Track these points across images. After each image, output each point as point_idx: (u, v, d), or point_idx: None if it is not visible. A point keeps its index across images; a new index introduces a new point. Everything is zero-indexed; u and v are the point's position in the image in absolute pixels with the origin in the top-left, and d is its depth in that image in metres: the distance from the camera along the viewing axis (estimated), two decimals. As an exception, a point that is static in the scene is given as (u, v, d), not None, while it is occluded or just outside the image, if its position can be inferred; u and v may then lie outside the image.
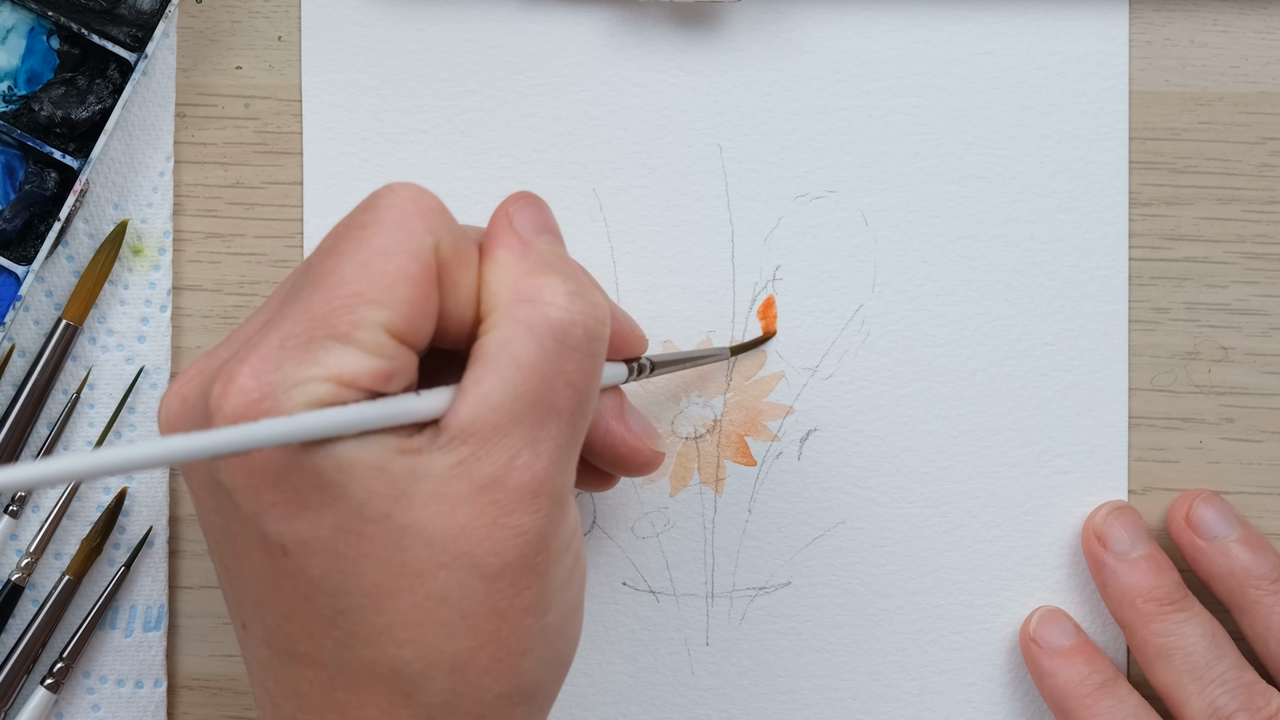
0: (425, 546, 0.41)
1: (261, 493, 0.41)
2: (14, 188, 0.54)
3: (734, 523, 0.55)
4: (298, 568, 0.42)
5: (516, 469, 0.42)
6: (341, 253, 0.42)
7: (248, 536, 0.42)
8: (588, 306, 0.43)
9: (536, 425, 0.42)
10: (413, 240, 0.42)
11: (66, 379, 0.55)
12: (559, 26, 0.55)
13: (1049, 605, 0.55)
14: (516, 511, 0.42)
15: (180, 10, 0.55)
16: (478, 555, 0.41)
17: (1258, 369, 0.55)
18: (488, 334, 0.43)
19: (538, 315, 0.43)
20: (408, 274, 0.42)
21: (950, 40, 0.55)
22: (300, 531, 0.41)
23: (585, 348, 0.43)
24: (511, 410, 0.42)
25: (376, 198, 0.43)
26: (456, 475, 0.41)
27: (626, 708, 0.55)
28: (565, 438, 0.43)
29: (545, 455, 0.42)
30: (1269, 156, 0.55)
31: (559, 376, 0.42)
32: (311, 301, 0.42)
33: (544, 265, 0.44)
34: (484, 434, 0.42)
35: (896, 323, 0.55)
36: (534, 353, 0.42)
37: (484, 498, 0.41)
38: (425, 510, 0.41)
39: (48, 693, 0.54)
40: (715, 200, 0.55)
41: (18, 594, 0.54)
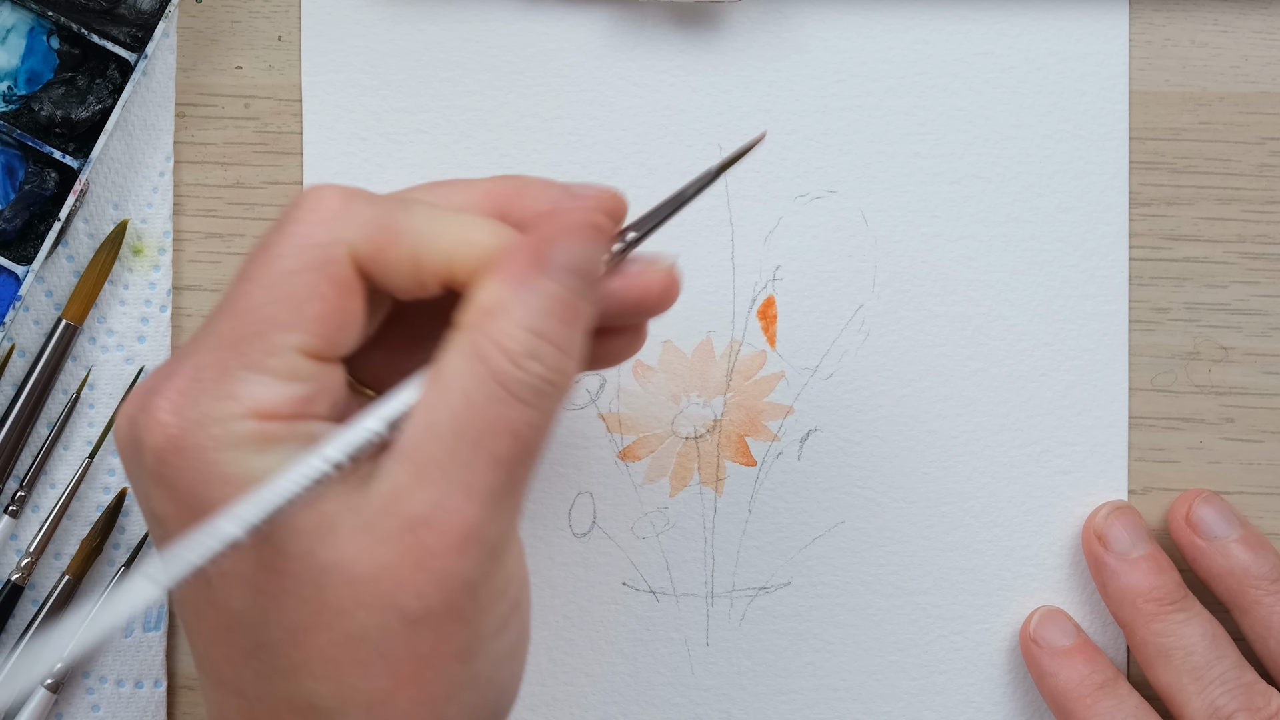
0: (346, 585, 0.40)
1: (186, 524, 0.41)
2: (14, 188, 0.54)
3: (734, 523, 0.55)
4: (220, 598, 0.41)
5: (446, 511, 0.40)
6: (249, 276, 0.42)
7: None
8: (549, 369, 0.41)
9: (472, 468, 0.41)
10: (320, 254, 0.41)
11: (66, 379, 0.55)
12: (559, 26, 0.55)
13: (1049, 605, 0.55)
14: (443, 555, 0.40)
15: (180, 10, 0.55)
16: (399, 598, 0.40)
17: (1258, 369, 0.55)
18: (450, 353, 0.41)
19: (495, 361, 0.41)
20: (316, 292, 0.41)
21: (950, 40, 0.55)
22: (221, 564, 0.41)
23: (536, 404, 0.41)
24: (452, 446, 0.41)
25: (285, 214, 0.42)
26: (386, 510, 0.40)
27: (626, 708, 0.55)
28: (502, 485, 0.41)
29: (477, 501, 0.41)
30: (1269, 156, 0.55)
31: (504, 424, 0.41)
32: (221, 329, 0.41)
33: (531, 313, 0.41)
34: (421, 464, 0.40)
35: (896, 323, 0.55)
36: (483, 394, 0.41)
37: (410, 537, 0.40)
38: (348, 548, 0.40)
39: (48, 693, 0.54)
40: (715, 200, 0.55)
41: (18, 594, 0.54)
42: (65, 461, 0.55)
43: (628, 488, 0.55)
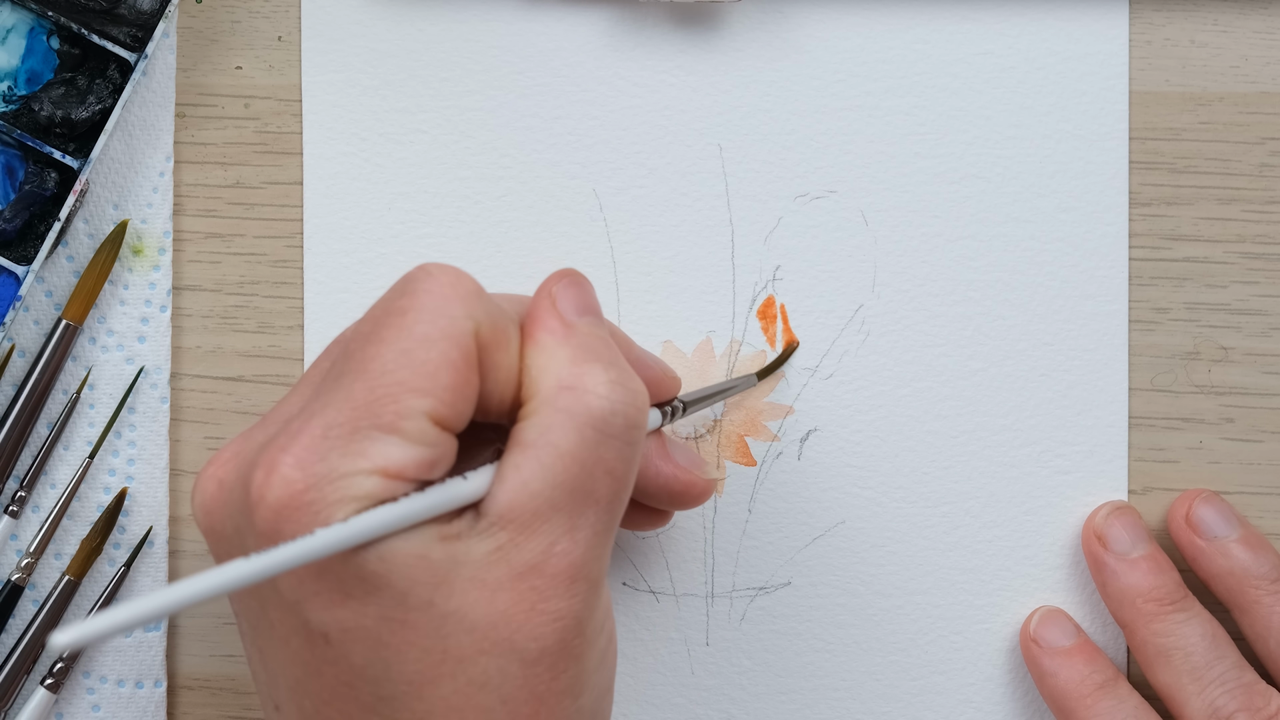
0: (467, 633, 0.42)
1: (304, 582, 0.42)
2: (14, 188, 0.54)
3: (734, 523, 0.55)
4: (340, 655, 0.42)
5: (555, 555, 0.42)
6: (383, 339, 0.42)
7: (288, 623, 0.42)
8: (628, 395, 0.43)
9: (575, 513, 0.42)
10: (454, 326, 0.42)
11: (66, 379, 0.55)
12: (559, 26, 0.55)
13: (1049, 605, 0.55)
14: (554, 597, 0.42)
15: (180, 10, 0.55)
16: (517, 640, 0.42)
17: (1258, 369, 0.55)
18: (528, 419, 0.43)
19: (579, 404, 0.43)
20: (449, 361, 0.42)
21: (950, 40, 0.55)
22: (343, 620, 0.42)
23: (625, 436, 0.43)
24: (551, 498, 0.42)
25: (413, 281, 0.43)
26: (495, 561, 0.42)
27: (626, 708, 0.55)
28: (603, 524, 0.43)
29: (583, 542, 0.42)
30: (1269, 156, 0.55)
31: (598, 465, 0.43)
32: (354, 390, 0.42)
33: (586, 352, 0.44)
34: (523, 520, 0.42)
35: (896, 323, 0.55)
36: (574, 441, 0.42)
37: (523, 584, 0.42)
38: (466, 596, 0.42)
39: (48, 693, 0.54)
40: (715, 200, 0.55)
41: (18, 594, 0.54)
42: (65, 461, 0.55)
43: (628, 488, 0.55)
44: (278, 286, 0.55)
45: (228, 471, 0.43)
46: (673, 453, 0.49)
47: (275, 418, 0.44)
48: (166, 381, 0.55)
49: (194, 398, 0.55)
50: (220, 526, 0.43)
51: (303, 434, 0.42)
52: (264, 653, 0.44)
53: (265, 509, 0.41)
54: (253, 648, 0.45)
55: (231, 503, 0.43)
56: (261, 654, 0.44)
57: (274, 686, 0.44)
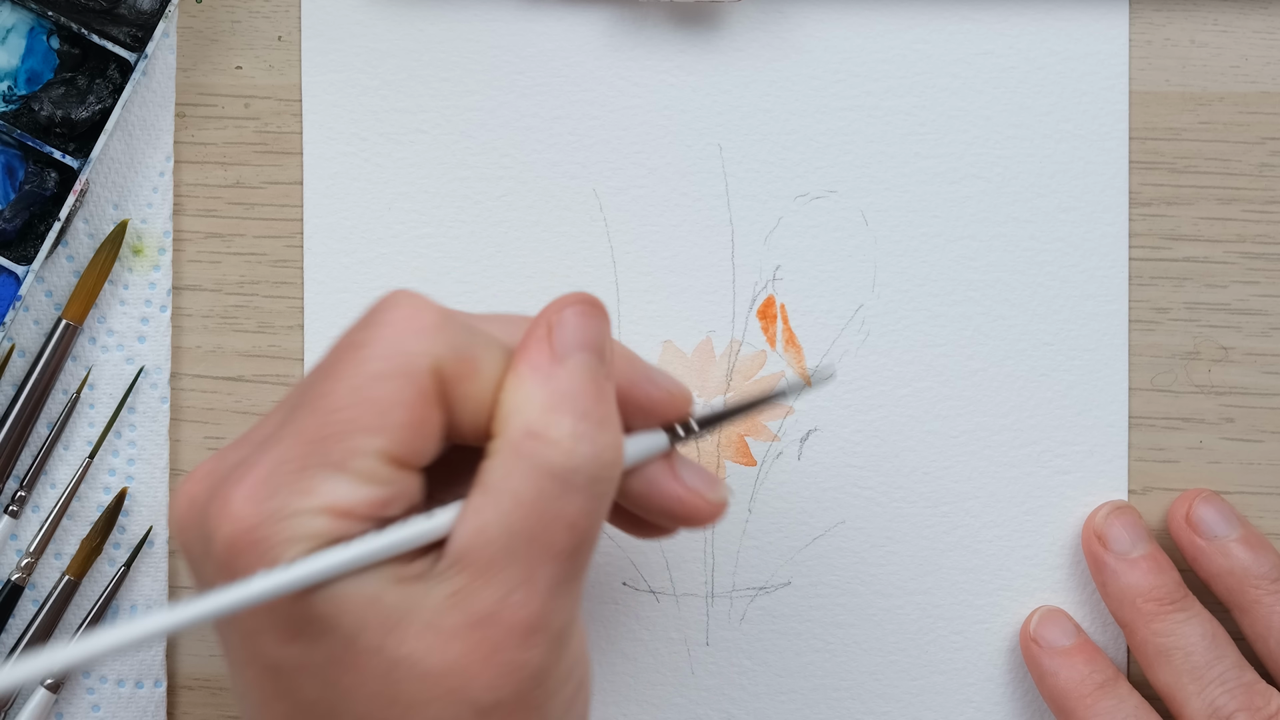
0: (417, 680, 0.40)
1: (259, 615, 0.41)
2: (14, 188, 0.54)
3: (734, 523, 0.55)
4: (291, 689, 0.41)
5: (511, 605, 0.40)
6: (337, 375, 0.41)
7: (246, 651, 0.42)
8: (595, 450, 0.41)
9: (532, 563, 0.41)
10: (409, 363, 0.41)
11: (66, 379, 0.55)
12: (559, 26, 0.55)
13: (1049, 605, 0.55)
14: (511, 648, 0.40)
15: (180, 10, 0.55)
16: (471, 691, 0.40)
17: (1258, 369, 0.55)
18: (492, 458, 0.41)
19: (541, 454, 0.41)
20: (403, 399, 0.41)
21: (950, 40, 0.55)
22: (293, 657, 0.41)
23: (588, 489, 0.41)
24: (507, 546, 0.41)
25: (375, 313, 0.42)
26: (451, 607, 0.40)
27: (626, 708, 0.55)
28: (563, 576, 0.41)
29: (542, 593, 0.41)
30: (1269, 156, 0.55)
31: (558, 519, 0.41)
32: (305, 425, 0.41)
33: (562, 397, 0.42)
34: (479, 566, 0.41)
35: (896, 323, 0.55)
36: (532, 492, 0.41)
37: (478, 633, 0.40)
38: (418, 643, 0.40)
39: (48, 693, 0.54)
40: (715, 200, 0.55)
41: (18, 594, 0.54)
42: (65, 461, 0.55)
43: (628, 488, 0.55)
44: (278, 286, 0.55)
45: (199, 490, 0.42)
46: (682, 473, 0.46)
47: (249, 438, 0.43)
48: (166, 381, 0.55)
49: (194, 398, 0.55)
50: (189, 545, 0.43)
51: (254, 469, 0.41)
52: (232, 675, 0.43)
53: (220, 542, 0.41)
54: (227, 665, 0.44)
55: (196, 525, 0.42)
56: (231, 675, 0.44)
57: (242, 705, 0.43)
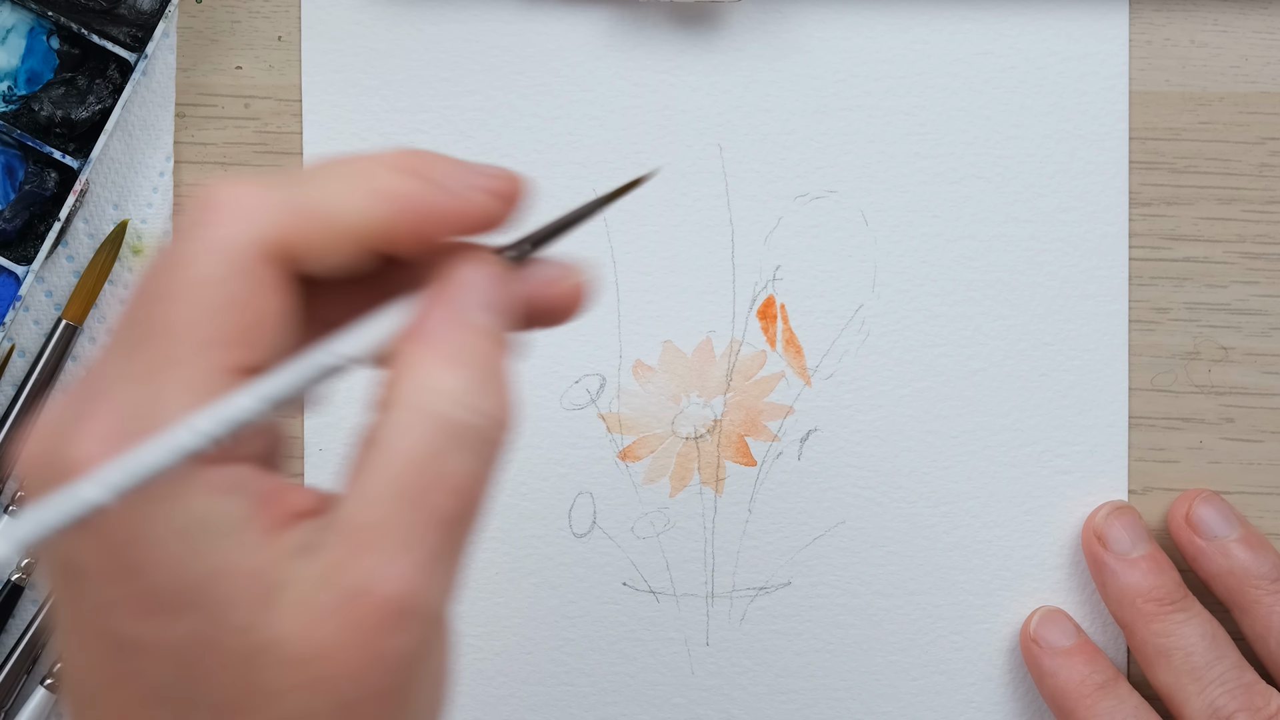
0: (279, 665, 0.37)
1: (117, 583, 0.37)
2: (14, 188, 0.54)
3: (734, 523, 0.55)
4: (144, 669, 0.38)
5: (385, 578, 0.37)
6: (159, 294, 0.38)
7: (90, 626, 0.38)
8: (491, 408, 0.39)
9: (413, 530, 0.38)
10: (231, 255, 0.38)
11: (66, 379, 0.55)
12: (559, 26, 0.55)
13: (1049, 605, 0.55)
14: (383, 632, 0.37)
15: (180, 10, 0.55)
16: (336, 682, 0.37)
17: (1258, 369, 0.55)
18: (383, 413, 0.39)
19: (435, 407, 0.38)
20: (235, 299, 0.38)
21: (950, 40, 0.55)
22: (152, 632, 0.37)
23: (479, 450, 0.39)
24: (390, 508, 0.38)
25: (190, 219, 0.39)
26: (325, 582, 0.37)
27: (626, 708, 0.55)
28: (445, 547, 0.38)
29: (420, 565, 0.38)
30: (1269, 156, 0.55)
31: (445, 479, 0.38)
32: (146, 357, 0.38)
33: (462, 355, 0.39)
34: (359, 533, 0.38)
35: (896, 323, 0.55)
36: (423, 447, 0.38)
37: (349, 611, 0.37)
38: (288, 625, 0.37)
39: (48, 693, 0.54)
40: (715, 200, 0.55)
41: (18, 594, 0.54)
42: (65, 461, 0.55)
43: (628, 488, 0.55)
44: (278, 286, 0.55)
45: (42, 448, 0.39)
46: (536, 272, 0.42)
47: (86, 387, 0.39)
48: (166, 381, 0.55)
49: (194, 398, 0.55)
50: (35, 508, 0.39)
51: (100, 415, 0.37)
52: (65, 653, 0.40)
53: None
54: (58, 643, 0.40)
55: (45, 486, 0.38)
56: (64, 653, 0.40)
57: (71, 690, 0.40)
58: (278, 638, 0.37)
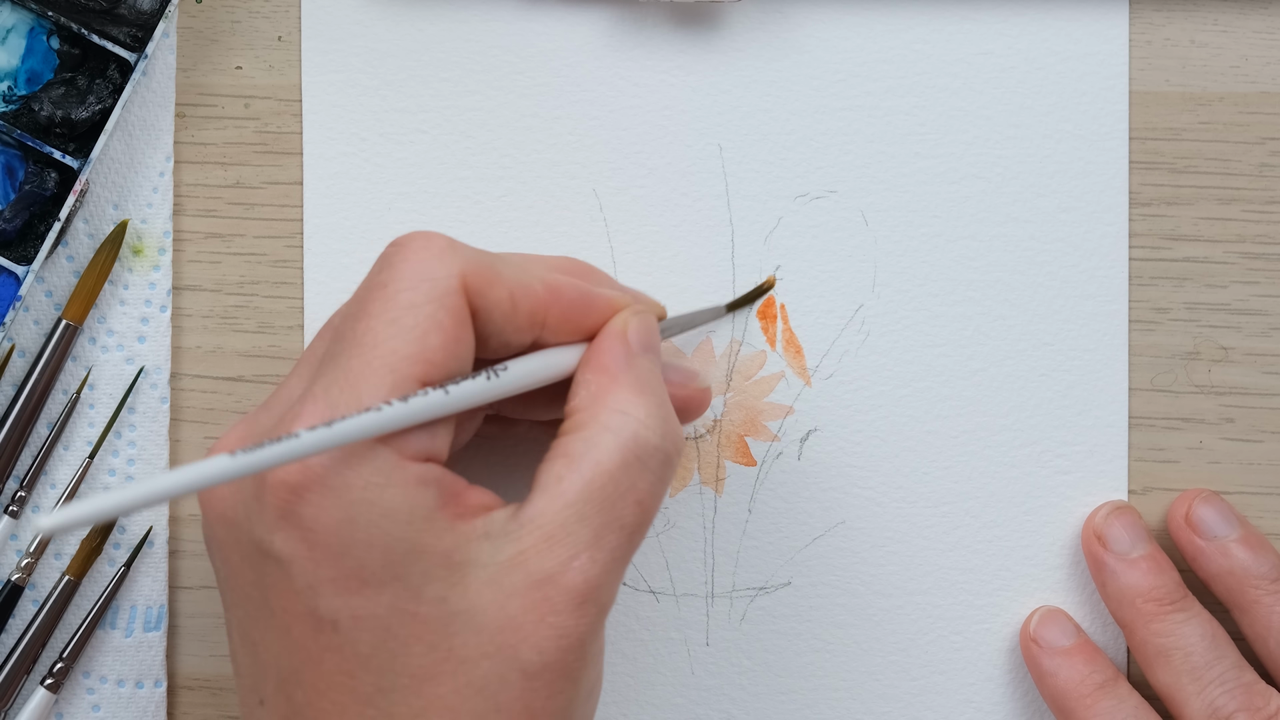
0: (474, 634, 0.42)
1: (321, 566, 0.42)
2: (14, 188, 0.54)
3: (734, 523, 0.55)
4: (345, 643, 0.42)
5: (573, 570, 0.43)
6: (370, 314, 0.43)
7: (292, 610, 0.43)
8: (673, 436, 0.45)
9: (600, 531, 0.43)
10: (436, 286, 0.44)
11: (66, 379, 0.55)
12: (559, 26, 0.55)
13: (1049, 605, 0.55)
14: (564, 612, 0.43)
15: (180, 10, 0.55)
16: (521, 650, 0.42)
17: (1258, 369, 0.55)
18: (574, 432, 0.44)
19: (628, 429, 0.44)
20: (437, 322, 0.43)
21: (950, 40, 0.55)
22: (355, 607, 0.42)
23: (659, 471, 0.44)
24: (582, 511, 0.43)
25: (390, 254, 0.45)
26: (514, 566, 0.43)
27: (626, 708, 0.55)
28: (622, 550, 0.44)
29: (601, 562, 0.43)
30: (1269, 156, 0.55)
31: (631, 491, 0.44)
32: (350, 366, 0.43)
33: (643, 385, 0.45)
34: (550, 529, 0.43)
35: (896, 323, 0.55)
36: (616, 461, 0.44)
37: (537, 593, 0.42)
38: (479, 597, 0.42)
39: (48, 693, 0.54)
40: (715, 200, 0.55)
41: (18, 594, 0.54)
42: (65, 461, 0.55)
43: (628, 488, 0.55)
44: (278, 286, 0.55)
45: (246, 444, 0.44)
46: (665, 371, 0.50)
47: (278, 401, 0.45)
48: (166, 381, 0.55)
49: (194, 398, 0.55)
50: (231, 513, 0.44)
51: (307, 414, 0.42)
52: (257, 644, 0.44)
53: (281, 489, 0.42)
54: (243, 639, 0.45)
55: (242, 488, 0.43)
56: (253, 645, 0.44)
57: (262, 679, 0.44)
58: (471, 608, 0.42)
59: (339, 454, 0.42)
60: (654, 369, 0.46)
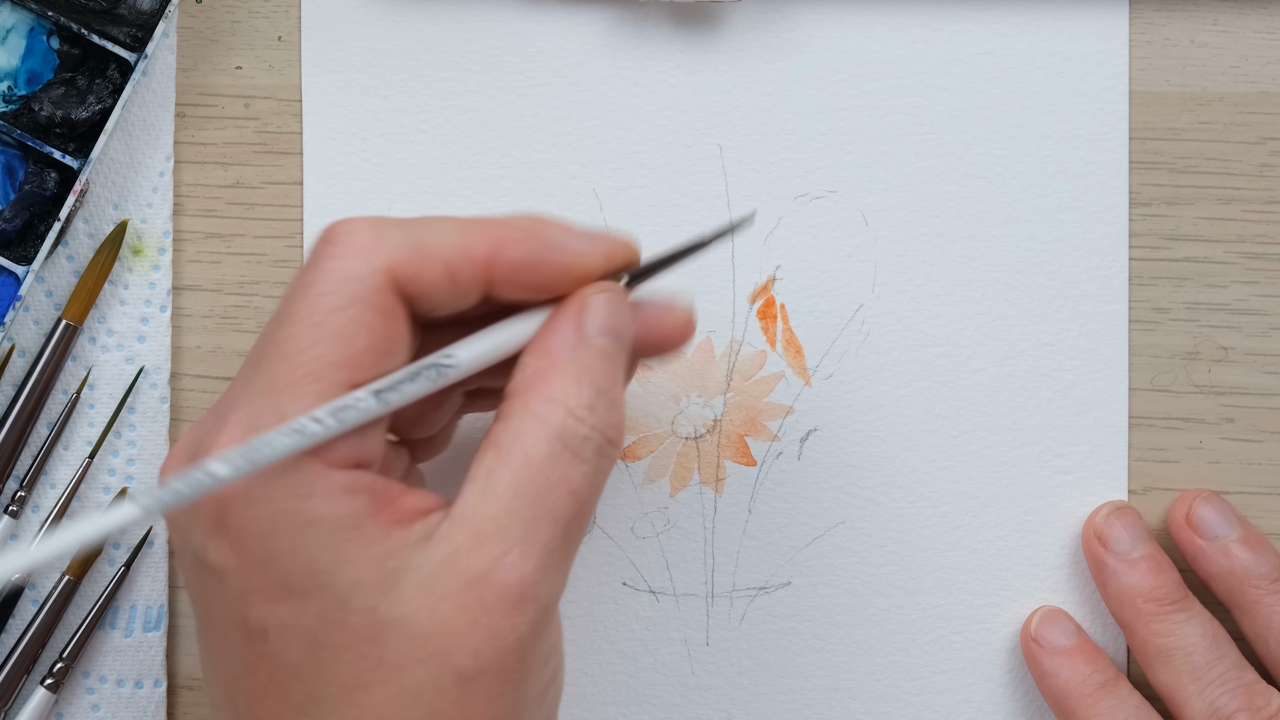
0: (405, 640, 0.41)
1: (249, 575, 0.41)
2: (14, 188, 0.54)
3: (734, 523, 0.55)
4: (275, 651, 0.41)
5: (505, 566, 0.41)
6: (293, 317, 0.42)
7: (228, 618, 0.42)
8: (606, 424, 0.43)
9: (532, 524, 0.42)
10: (360, 285, 0.42)
11: (66, 379, 0.55)
12: (559, 26, 0.55)
13: (1050, 605, 0.55)
14: (498, 612, 0.41)
15: (180, 10, 0.55)
16: (455, 655, 0.41)
17: (1258, 369, 0.55)
18: (506, 420, 0.43)
19: (555, 418, 0.42)
20: (363, 324, 0.42)
21: (950, 40, 0.55)
22: (283, 616, 0.41)
23: (594, 462, 0.43)
24: (510, 505, 0.42)
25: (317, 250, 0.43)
26: (447, 567, 0.41)
27: (626, 708, 0.55)
28: (557, 545, 0.42)
29: (535, 557, 0.42)
30: (1269, 156, 0.55)
31: (564, 482, 0.42)
32: (274, 374, 0.42)
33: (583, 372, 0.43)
34: (479, 525, 0.42)
35: (896, 323, 0.55)
36: (544, 452, 0.42)
37: (469, 594, 0.41)
38: (410, 604, 0.41)
39: (48, 693, 0.54)
40: (715, 200, 0.55)
41: (18, 594, 0.54)
42: (65, 461, 0.55)
43: (628, 488, 0.55)
44: (278, 286, 0.55)
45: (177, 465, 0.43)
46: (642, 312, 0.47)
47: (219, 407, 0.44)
48: (166, 381, 0.55)
49: (194, 398, 0.55)
50: (178, 519, 0.43)
51: (227, 425, 0.42)
52: (207, 649, 0.44)
53: (210, 500, 0.41)
54: (200, 643, 0.44)
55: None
56: (205, 651, 0.44)
57: (213, 683, 0.44)
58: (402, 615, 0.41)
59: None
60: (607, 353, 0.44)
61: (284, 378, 0.42)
